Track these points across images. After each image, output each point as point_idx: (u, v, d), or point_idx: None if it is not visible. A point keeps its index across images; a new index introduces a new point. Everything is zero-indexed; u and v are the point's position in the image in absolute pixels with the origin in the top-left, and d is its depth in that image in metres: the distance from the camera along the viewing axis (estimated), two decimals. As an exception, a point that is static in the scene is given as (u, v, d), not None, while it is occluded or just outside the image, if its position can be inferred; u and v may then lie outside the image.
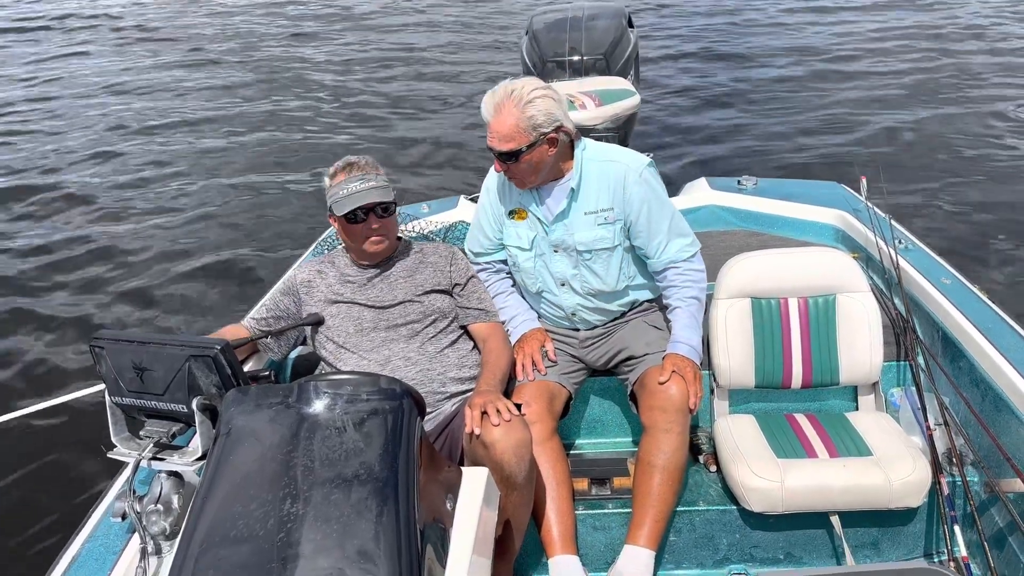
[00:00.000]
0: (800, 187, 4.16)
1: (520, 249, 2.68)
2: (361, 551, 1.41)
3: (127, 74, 11.84)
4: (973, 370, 2.63)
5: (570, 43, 4.91)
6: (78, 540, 2.06)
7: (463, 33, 13.47)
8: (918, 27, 12.03)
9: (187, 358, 1.86)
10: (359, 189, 2.46)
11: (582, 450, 2.96)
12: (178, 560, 1.46)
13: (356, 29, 14.02)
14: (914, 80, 9.68)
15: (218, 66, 12.05)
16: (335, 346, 2.51)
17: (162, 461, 1.94)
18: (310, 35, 13.77)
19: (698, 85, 9.97)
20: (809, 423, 2.71)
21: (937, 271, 3.07)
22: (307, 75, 11.33)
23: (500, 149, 2.43)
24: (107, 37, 14.26)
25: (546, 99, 2.41)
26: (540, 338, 2.71)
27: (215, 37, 13.75)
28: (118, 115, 9.96)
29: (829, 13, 13.39)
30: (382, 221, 2.49)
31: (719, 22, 13.34)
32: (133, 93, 10.92)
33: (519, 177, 2.52)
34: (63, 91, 11.13)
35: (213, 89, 10.92)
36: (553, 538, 2.44)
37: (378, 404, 1.65)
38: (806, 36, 12.08)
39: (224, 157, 8.46)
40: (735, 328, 2.75)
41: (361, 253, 2.56)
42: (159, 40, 13.75)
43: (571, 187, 2.55)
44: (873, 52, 10.96)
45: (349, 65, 11.70)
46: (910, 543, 2.61)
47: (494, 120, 2.42)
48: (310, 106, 9.95)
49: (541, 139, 2.42)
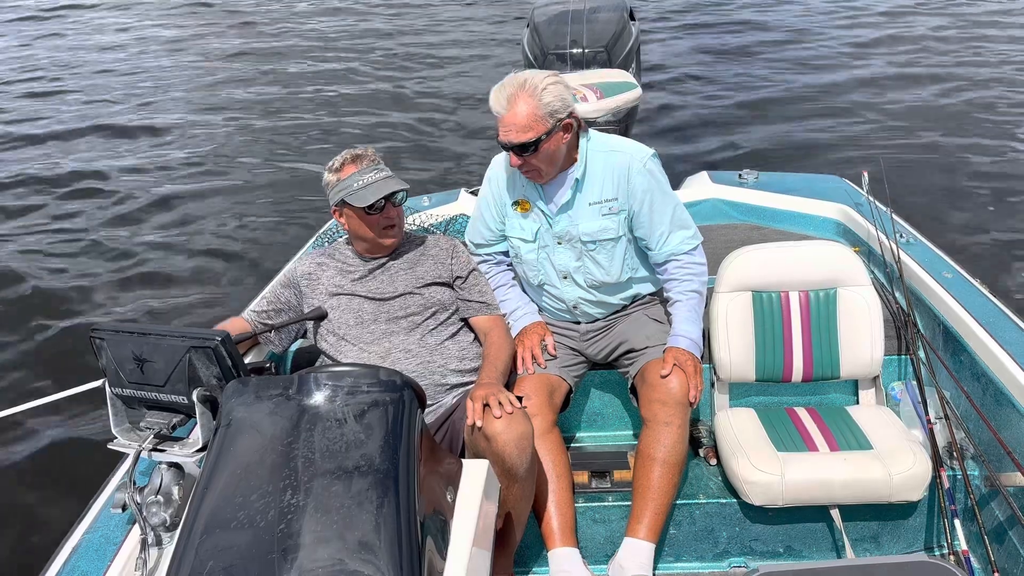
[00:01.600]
0: (801, 181, 4.15)
1: (523, 241, 2.67)
2: (361, 542, 1.41)
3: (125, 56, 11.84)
4: (974, 364, 2.63)
5: (571, 36, 4.90)
6: (78, 531, 2.06)
7: (463, 25, 13.44)
8: (923, 21, 12.01)
9: (188, 349, 1.86)
10: (377, 179, 2.47)
11: (582, 443, 2.96)
12: (178, 551, 1.46)
13: (353, 21, 13.99)
14: (916, 73, 9.66)
15: (215, 60, 12.03)
16: (336, 338, 2.50)
17: (162, 452, 1.93)
18: (310, 28, 13.74)
19: (700, 78, 9.95)
20: (810, 417, 2.71)
21: (938, 265, 3.07)
22: (302, 67, 11.31)
23: (519, 141, 2.39)
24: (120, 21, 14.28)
25: (558, 85, 2.40)
26: (540, 331, 2.70)
27: (225, 34, 13.73)
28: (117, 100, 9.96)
29: (831, 2, 13.38)
30: (397, 210, 2.52)
31: (721, 14, 13.31)
32: (129, 75, 10.92)
33: (537, 168, 2.48)
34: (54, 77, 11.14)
35: (213, 82, 10.90)
36: (553, 530, 2.44)
37: (379, 396, 1.65)
38: (808, 28, 12.05)
39: (218, 151, 8.45)
40: (736, 322, 2.75)
41: (375, 245, 2.55)
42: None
43: (576, 177, 2.54)
44: (875, 45, 10.94)
45: (345, 58, 11.67)
46: (910, 537, 2.61)
47: (508, 113, 2.38)
48: (305, 99, 9.93)
49: (557, 126, 2.41)
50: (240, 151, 8.41)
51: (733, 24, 12.58)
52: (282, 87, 10.41)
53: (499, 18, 13.73)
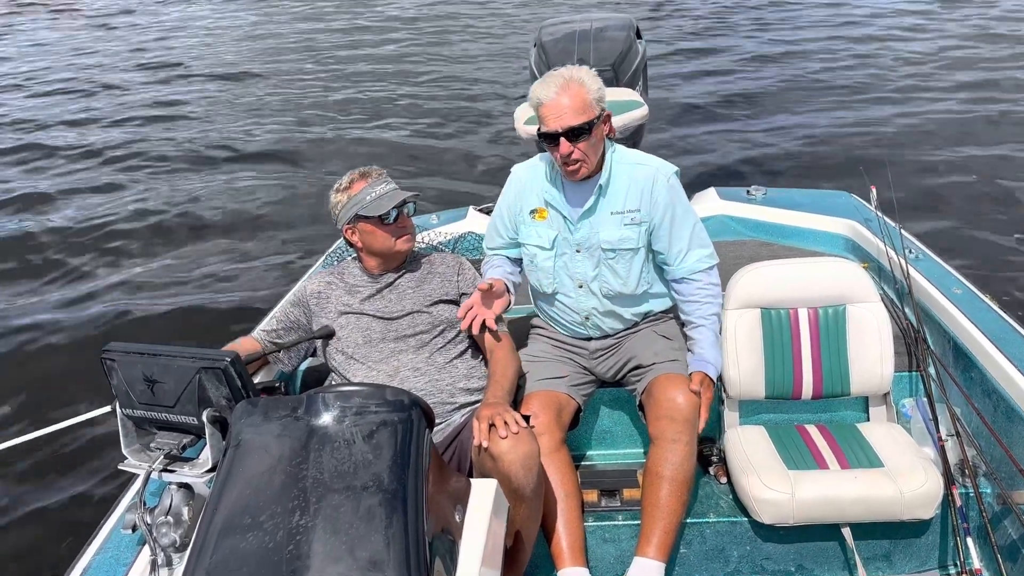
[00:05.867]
0: (809, 197, 4.15)
1: (540, 248, 2.68)
2: (370, 562, 1.41)
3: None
4: (985, 380, 2.61)
5: (578, 54, 4.91)
6: (89, 552, 2.07)
7: (471, 43, 13.53)
8: (935, 33, 12.02)
9: (197, 370, 1.86)
10: (389, 190, 2.54)
11: (592, 461, 2.95)
12: (188, 572, 1.47)
13: (362, 41, 14.10)
14: (923, 87, 9.67)
15: (221, 75, 12.13)
16: (344, 357, 2.52)
17: (172, 473, 1.94)
18: (319, 48, 13.86)
19: (706, 95, 9.98)
20: (820, 434, 2.69)
21: (948, 281, 3.06)
22: (308, 85, 11.40)
23: (574, 124, 2.40)
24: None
25: (597, 79, 2.49)
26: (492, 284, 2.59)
27: (242, 52, 13.85)
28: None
29: (840, 17, 13.41)
30: (408, 220, 2.58)
31: (728, 32, 13.37)
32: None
33: (585, 157, 2.48)
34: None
35: (229, 95, 11.00)
36: (562, 550, 2.43)
37: (387, 416, 1.65)
38: (815, 44, 12.08)
39: (220, 176, 8.51)
40: (745, 339, 2.74)
41: (390, 255, 2.58)
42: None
43: (599, 184, 2.56)
44: (881, 60, 10.96)
45: (354, 77, 11.76)
46: (922, 555, 2.59)
47: (558, 99, 2.40)
48: (310, 117, 10.00)
49: (602, 114, 2.47)
50: (243, 174, 8.47)
51: (740, 42, 12.63)
52: (285, 108, 10.48)
53: (506, 35, 13.82)
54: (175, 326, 5.63)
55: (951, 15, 13.29)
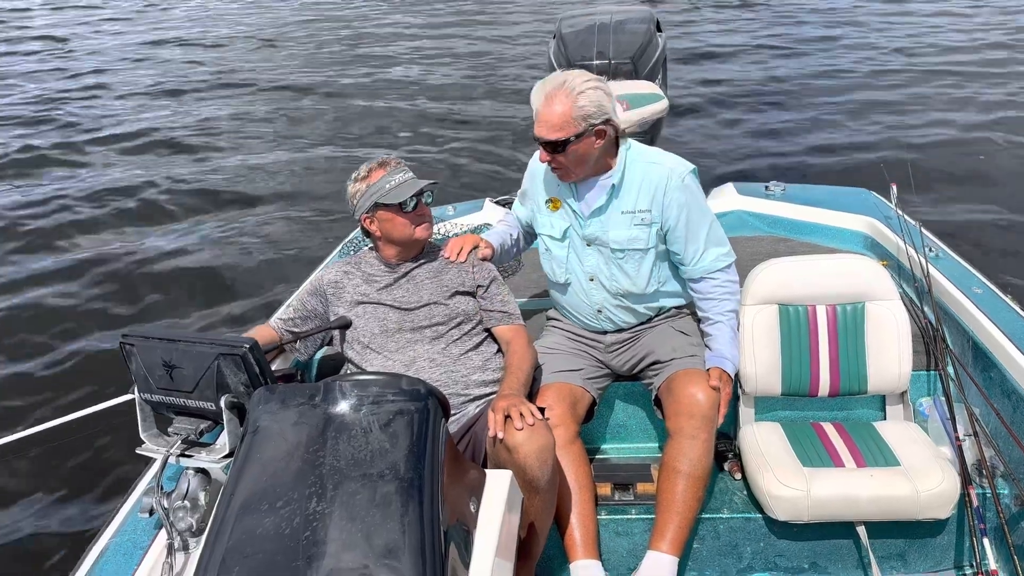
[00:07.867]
0: (829, 193, 4.12)
1: (552, 238, 2.70)
2: (385, 550, 1.42)
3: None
4: (1004, 380, 2.59)
5: (598, 47, 4.89)
6: (106, 535, 2.09)
7: (490, 29, 13.50)
8: (958, 32, 11.89)
9: (216, 356, 1.88)
10: (408, 178, 2.55)
11: (606, 455, 2.95)
12: (204, 557, 1.48)
13: (381, 33, 14.10)
14: (946, 84, 9.56)
15: (236, 77, 12.17)
16: (361, 346, 2.53)
17: (190, 458, 1.96)
18: (333, 40, 13.87)
19: (726, 90, 9.93)
20: (836, 432, 2.68)
21: (968, 280, 3.03)
22: (326, 78, 11.41)
23: (548, 138, 2.42)
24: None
25: (597, 91, 2.41)
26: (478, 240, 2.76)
27: (254, 48, 13.89)
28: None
29: (861, 11, 13.28)
30: (426, 208, 2.59)
31: (748, 26, 13.27)
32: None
33: (564, 168, 2.51)
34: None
35: (244, 95, 11.04)
36: (575, 542, 2.43)
37: (403, 405, 1.66)
38: (835, 39, 11.97)
39: (241, 166, 8.55)
40: (762, 335, 2.73)
41: (410, 243, 2.59)
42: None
43: (612, 183, 2.55)
44: (904, 55, 10.85)
45: (370, 67, 11.77)
46: (938, 555, 2.58)
47: (544, 109, 2.41)
48: (327, 110, 10.02)
49: (590, 130, 2.42)
50: (265, 162, 8.50)
51: (760, 36, 12.53)
52: (300, 97, 10.50)
53: (526, 25, 13.77)
54: (191, 312, 5.67)
55: (990, 17, 13.11)
